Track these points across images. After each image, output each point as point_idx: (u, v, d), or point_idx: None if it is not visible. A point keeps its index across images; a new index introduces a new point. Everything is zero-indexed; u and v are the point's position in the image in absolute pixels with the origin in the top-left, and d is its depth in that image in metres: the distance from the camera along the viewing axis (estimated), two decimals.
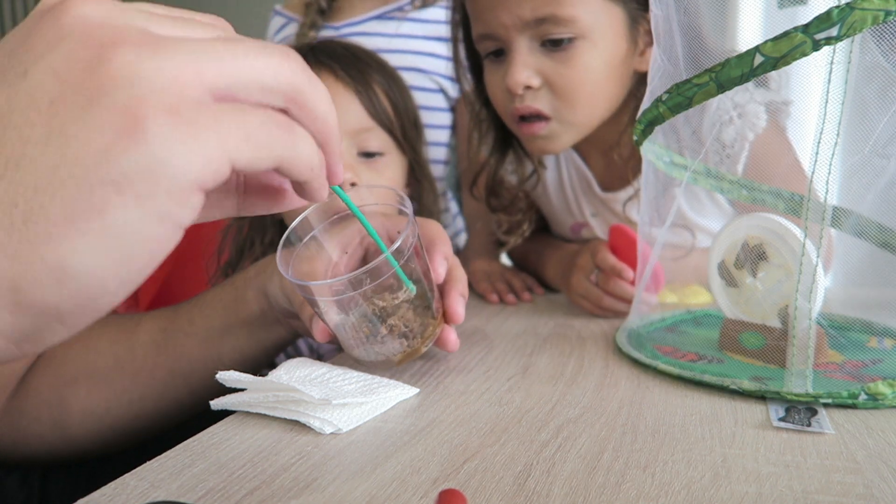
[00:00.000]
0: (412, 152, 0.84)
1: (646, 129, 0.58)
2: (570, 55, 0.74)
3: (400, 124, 0.82)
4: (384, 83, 0.82)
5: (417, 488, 0.35)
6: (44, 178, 0.22)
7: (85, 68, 0.23)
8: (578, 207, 0.96)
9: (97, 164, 0.22)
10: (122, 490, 0.35)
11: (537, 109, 0.77)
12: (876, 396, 0.45)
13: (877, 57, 0.45)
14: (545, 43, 0.75)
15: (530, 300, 0.86)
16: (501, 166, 0.91)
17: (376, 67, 0.83)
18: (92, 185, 0.22)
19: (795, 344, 0.48)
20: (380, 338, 0.49)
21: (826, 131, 0.45)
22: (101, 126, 0.22)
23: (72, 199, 0.22)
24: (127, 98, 0.22)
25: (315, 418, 0.43)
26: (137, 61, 0.23)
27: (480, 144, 0.90)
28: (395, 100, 0.82)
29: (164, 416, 0.59)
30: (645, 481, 0.35)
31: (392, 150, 0.81)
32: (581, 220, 0.97)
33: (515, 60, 0.75)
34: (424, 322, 0.50)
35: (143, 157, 0.22)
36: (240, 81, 0.25)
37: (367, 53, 0.85)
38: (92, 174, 0.22)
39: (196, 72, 0.24)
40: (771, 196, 0.64)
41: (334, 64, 0.80)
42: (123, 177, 0.22)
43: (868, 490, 0.34)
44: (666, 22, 0.56)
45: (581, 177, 0.93)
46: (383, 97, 0.81)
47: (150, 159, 0.22)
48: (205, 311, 0.59)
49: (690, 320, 0.69)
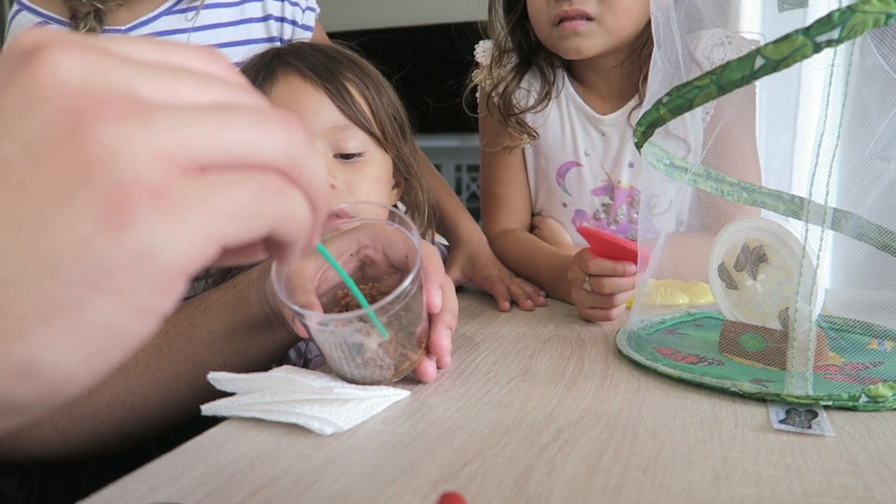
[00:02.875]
0: (395, 150, 0.82)
1: (646, 131, 0.58)
2: None
3: (378, 122, 0.79)
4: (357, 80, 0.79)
5: (417, 491, 0.35)
6: (13, 272, 0.20)
7: (62, 145, 0.20)
8: (573, 142, 1.04)
9: (75, 258, 0.20)
10: (121, 493, 0.35)
11: (585, 11, 0.90)
12: (876, 399, 0.45)
13: (877, 60, 0.45)
14: None
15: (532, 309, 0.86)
16: (517, 84, 1.03)
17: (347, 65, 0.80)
18: (68, 282, 0.20)
19: (796, 346, 0.48)
20: (353, 364, 0.50)
21: (826, 134, 0.45)
22: (81, 216, 0.20)
23: (45, 296, 0.20)
24: (109, 184, 0.20)
25: (314, 419, 0.43)
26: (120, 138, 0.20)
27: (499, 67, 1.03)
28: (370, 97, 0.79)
29: (169, 419, 0.59)
30: (645, 484, 0.35)
31: (372, 149, 0.78)
32: (572, 158, 1.04)
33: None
34: (403, 354, 0.51)
35: (126, 249, 0.20)
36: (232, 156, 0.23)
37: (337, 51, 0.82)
38: (68, 270, 0.20)
39: (184, 146, 0.21)
40: (771, 198, 0.64)
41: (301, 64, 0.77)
42: (103, 272, 0.20)
43: (868, 493, 0.34)
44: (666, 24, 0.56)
45: (577, 108, 1.04)
46: (357, 95, 0.78)
47: (133, 251, 0.20)
48: (207, 314, 0.59)
49: (691, 322, 0.69)
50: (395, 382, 0.52)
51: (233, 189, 0.22)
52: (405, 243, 0.54)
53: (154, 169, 0.21)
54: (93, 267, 0.20)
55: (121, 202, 0.20)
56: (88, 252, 0.20)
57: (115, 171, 0.20)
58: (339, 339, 0.48)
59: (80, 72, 0.21)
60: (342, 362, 0.50)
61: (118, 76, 0.22)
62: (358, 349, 0.49)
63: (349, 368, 0.50)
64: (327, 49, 0.82)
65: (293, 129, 0.24)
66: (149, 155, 0.20)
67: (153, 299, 0.21)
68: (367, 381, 0.51)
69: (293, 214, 0.24)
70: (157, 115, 0.21)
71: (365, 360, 0.49)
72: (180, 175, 0.21)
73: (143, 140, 0.21)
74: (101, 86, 0.21)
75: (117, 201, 0.20)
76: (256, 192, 0.23)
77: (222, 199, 0.22)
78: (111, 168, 0.20)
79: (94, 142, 0.20)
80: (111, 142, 0.20)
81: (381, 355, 0.49)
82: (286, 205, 0.24)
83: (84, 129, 0.20)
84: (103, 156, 0.20)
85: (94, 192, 0.20)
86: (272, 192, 0.23)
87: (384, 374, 0.50)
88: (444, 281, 0.55)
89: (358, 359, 0.49)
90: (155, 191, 0.20)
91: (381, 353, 0.49)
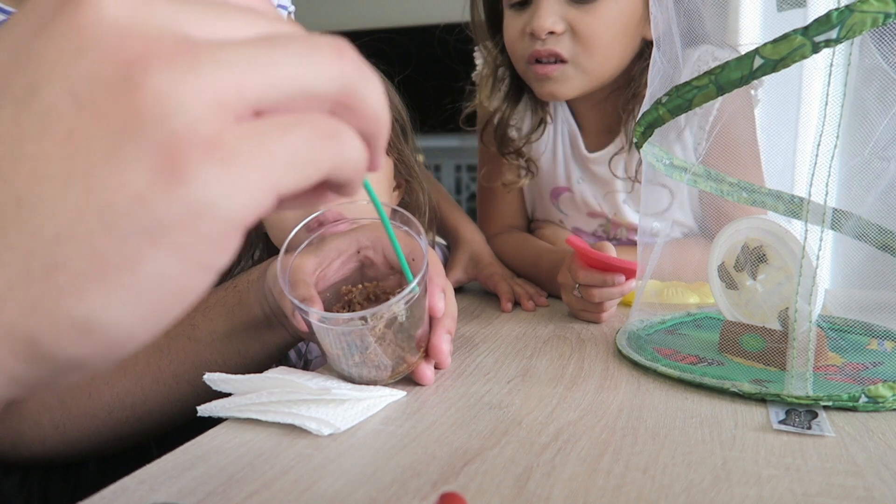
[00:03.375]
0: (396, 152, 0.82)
1: (645, 131, 0.58)
2: (595, 7, 0.82)
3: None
4: None
5: (417, 491, 0.35)
6: (66, 227, 0.19)
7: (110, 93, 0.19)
8: (566, 169, 1.00)
9: (130, 213, 0.19)
10: (121, 493, 0.35)
11: (557, 52, 0.83)
12: (876, 399, 0.45)
13: (876, 59, 0.45)
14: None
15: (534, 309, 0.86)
16: (511, 115, 0.97)
17: None
18: (124, 237, 0.19)
19: (795, 346, 0.48)
20: (351, 362, 0.50)
21: (826, 133, 0.45)
22: (134, 169, 0.19)
23: (101, 252, 0.19)
24: (162, 135, 0.19)
25: (311, 420, 0.43)
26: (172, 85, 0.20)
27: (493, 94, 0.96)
28: None
29: (169, 419, 0.59)
30: (645, 484, 0.35)
31: None
32: (564, 184, 1.00)
33: (543, 7, 0.82)
34: (401, 357, 0.51)
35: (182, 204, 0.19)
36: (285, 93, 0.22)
37: None
38: (123, 224, 0.19)
39: (237, 89, 0.21)
40: (771, 198, 0.64)
41: None
42: (159, 226, 0.19)
43: (868, 493, 0.34)
44: (666, 25, 0.56)
45: (571, 136, 0.99)
46: None
47: (190, 205, 0.20)
48: (207, 314, 0.59)
49: (690, 323, 0.69)
50: (393, 383, 0.52)
51: (287, 136, 0.22)
52: (407, 245, 0.54)
53: (208, 118, 0.20)
54: (149, 221, 0.19)
55: (175, 155, 0.19)
56: (143, 207, 0.19)
57: (168, 121, 0.19)
58: (339, 336, 0.48)
59: (125, 12, 0.20)
60: (340, 359, 0.50)
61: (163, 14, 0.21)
62: (356, 348, 0.49)
63: (346, 366, 0.50)
64: None
65: (344, 54, 0.23)
66: (202, 103, 0.20)
67: (211, 253, 0.21)
68: (364, 380, 0.51)
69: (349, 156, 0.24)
70: (206, 57, 0.20)
71: (362, 359, 0.49)
72: (234, 122, 0.21)
73: (194, 86, 0.20)
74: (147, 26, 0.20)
75: (171, 154, 0.19)
76: (311, 137, 0.22)
77: (277, 147, 0.21)
78: (163, 118, 0.19)
79: (144, 90, 0.19)
80: (162, 90, 0.19)
81: (379, 356, 0.49)
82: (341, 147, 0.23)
83: (133, 76, 0.19)
84: (154, 105, 0.19)
85: (146, 144, 0.19)
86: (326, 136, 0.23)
87: (381, 374, 0.50)
88: (445, 285, 0.55)
89: (356, 357, 0.49)
90: (210, 142, 0.20)
91: (380, 353, 0.49)
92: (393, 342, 0.49)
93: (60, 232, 0.19)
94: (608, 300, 0.71)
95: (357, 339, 0.48)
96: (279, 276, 0.49)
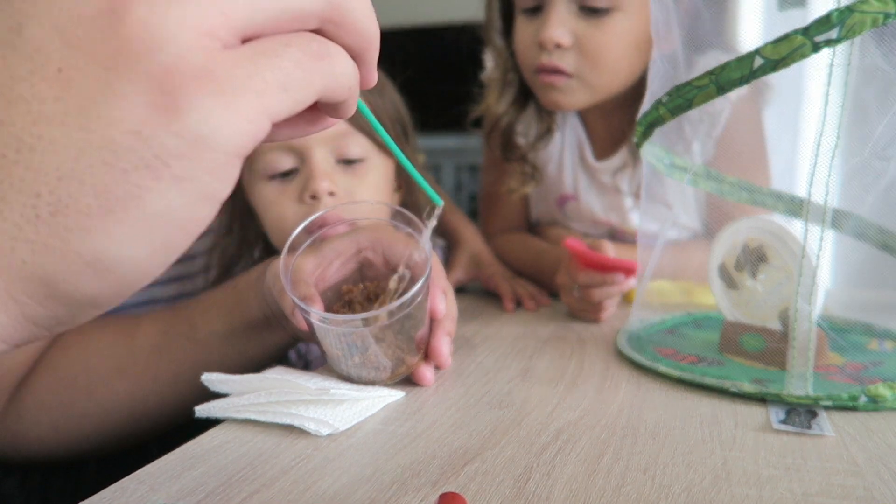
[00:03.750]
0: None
1: (646, 130, 0.58)
2: (605, 22, 0.80)
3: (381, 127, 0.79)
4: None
5: (417, 491, 0.35)
6: (67, 164, 0.19)
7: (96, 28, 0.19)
8: (573, 177, 0.99)
9: (129, 146, 0.19)
10: (121, 493, 0.35)
11: (562, 67, 0.82)
12: (876, 399, 0.45)
13: (877, 59, 0.45)
14: (584, 8, 0.80)
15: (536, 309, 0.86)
16: (518, 121, 0.96)
17: None
18: (125, 171, 0.20)
19: (796, 346, 0.48)
20: (351, 362, 0.50)
21: (826, 133, 0.45)
22: (129, 103, 0.19)
23: (104, 188, 0.20)
24: (153, 67, 0.19)
25: (310, 420, 0.43)
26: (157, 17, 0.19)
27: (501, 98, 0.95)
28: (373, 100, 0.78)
29: (168, 420, 0.59)
30: (645, 484, 0.35)
31: (374, 155, 0.77)
32: (571, 192, 0.99)
33: (552, 17, 0.81)
34: (400, 358, 0.51)
35: (180, 135, 0.20)
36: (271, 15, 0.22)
37: None
38: (124, 158, 0.19)
39: (224, 15, 0.20)
40: (771, 198, 0.64)
41: None
42: (159, 158, 0.20)
43: (868, 493, 0.34)
44: (666, 24, 0.56)
45: (578, 144, 0.97)
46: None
47: (188, 137, 0.20)
48: (206, 315, 0.59)
49: (691, 323, 0.69)
50: (392, 384, 0.52)
51: (278, 60, 0.22)
52: (406, 247, 0.54)
53: (196, 47, 0.20)
54: (148, 155, 0.20)
55: (167, 87, 0.19)
56: (142, 140, 0.20)
57: (157, 53, 0.19)
58: (339, 336, 0.48)
59: None
60: (340, 360, 0.50)
61: None
62: (356, 349, 0.49)
63: (346, 367, 0.50)
64: None
65: None
66: (189, 32, 0.20)
67: (212, 183, 0.21)
68: (363, 380, 0.51)
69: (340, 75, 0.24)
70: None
71: (362, 360, 0.49)
72: (223, 50, 0.21)
73: (180, 16, 0.20)
74: None
75: (164, 86, 0.19)
76: (301, 59, 0.22)
77: (269, 72, 0.21)
78: (152, 51, 0.19)
79: (130, 24, 0.19)
80: (148, 22, 0.19)
81: (379, 357, 0.49)
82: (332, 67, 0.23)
83: (116, 10, 0.19)
84: (142, 38, 0.19)
85: (138, 77, 0.19)
86: (316, 57, 0.23)
87: (380, 375, 0.50)
88: (446, 286, 0.55)
89: (355, 358, 0.49)
90: (201, 71, 0.20)
91: (380, 354, 0.49)
92: (393, 343, 0.49)
93: (62, 170, 0.19)
94: (608, 299, 0.71)
95: (357, 339, 0.48)
96: (281, 275, 0.49)
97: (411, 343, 0.51)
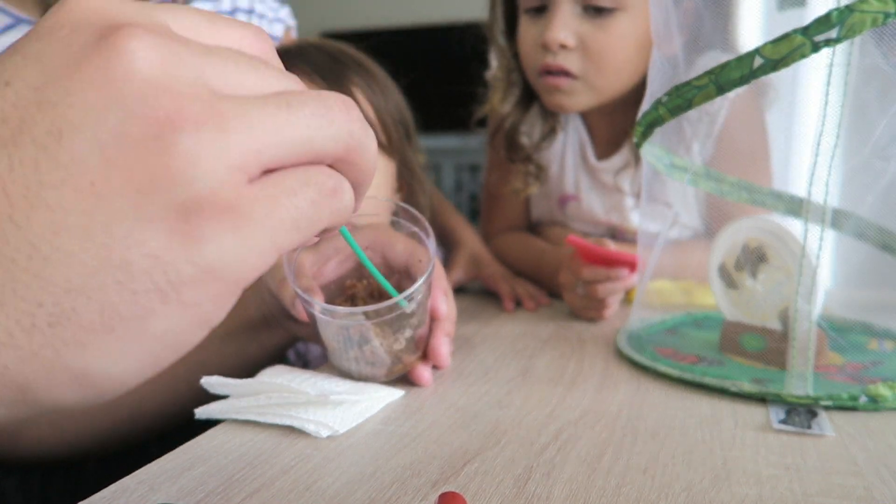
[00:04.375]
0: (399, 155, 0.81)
1: (645, 130, 0.58)
2: (609, 23, 0.80)
3: (384, 128, 0.78)
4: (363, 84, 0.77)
5: (417, 491, 0.35)
6: (79, 279, 0.19)
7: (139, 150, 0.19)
8: (574, 177, 0.98)
9: (145, 269, 0.19)
10: (121, 493, 0.35)
11: (566, 68, 0.82)
12: (876, 398, 0.45)
13: (877, 59, 0.45)
14: (588, 8, 0.80)
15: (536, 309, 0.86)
16: (522, 122, 0.95)
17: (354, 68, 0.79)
18: (135, 292, 0.20)
19: (796, 346, 0.48)
20: (348, 356, 0.50)
21: (826, 133, 0.45)
22: (155, 228, 0.19)
23: (111, 306, 0.19)
24: (186, 196, 0.20)
25: (309, 422, 0.43)
26: (201, 149, 0.20)
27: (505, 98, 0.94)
28: (376, 101, 0.78)
29: (167, 420, 0.59)
30: (645, 484, 0.35)
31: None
32: (572, 192, 0.99)
33: (556, 18, 0.80)
34: (398, 356, 0.51)
35: (195, 265, 0.20)
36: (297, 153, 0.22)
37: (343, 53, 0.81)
38: (137, 280, 0.19)
39: (256, 151, 0.21)
40: (771, 198, 0.64)
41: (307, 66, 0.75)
42: (171, 284, 0.20)
43: (868, 492, 0.34)
44: (665, 24, 0.56)
45: (579, 144, 0.97)
46: (362, 99, 0.77)
47: (202, 266, 0.20)
48: None
49: (691, 322, 0.69)
50: (390, 382, 0.52)
51: (295, 199, 0.22)
52: (406, 247, 0.54)
53: (228, 182, 0.20)
54: (163, 279, 0.20)
55: (193, 216, 0.20)
56: (160, 265, 0.20)
57: (193, 184, 0.20)
58: (338, 329, 0.49)
59: (158, 65, 0.20)
60: (338, 353, 0.50)
61: (191, 68, 0.21)
62: (354, 343, 0.49)
63: (344, 361, 0.51)
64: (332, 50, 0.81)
65: (351, 112, 0.24)
66: (224, 167, 0.20)
67: (214, 310, 0.21)
68: (360, 376, 0.51)
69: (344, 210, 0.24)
70: (231, 118, 0.21)
71: (360, 354, 0.49)
72: (247, 184, 0.21)
73: (219, 149, 0.20)
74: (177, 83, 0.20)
75: (191, 216, 0.20)
76: (315, 199, 0.23)
77: (285, 210, 0.22)
78: (190, 181, 0.20)
79: (174, 153, 0.20)
80: (190, 153, 0.20)
81: (377, 352, 0.49)
82: (340, 203, 0.24)
83: (165, 137, 0.20)
84: (183, 168, 0.20)
85: (168, 204, 0.20)
86: (330, 195, 0.23)
87: (376, 372, 0.51)
88: (447, 287, 0.55)
89: (354, 352, 0.49)
90: (227, 206, 0.20)
91: (378, 349, 0.49)
92: (392, 340, 0.49)
93: (72, 284, 0.19)
94: (612, 295, 0.71)
95: (356, 333, 0.48)
96: (285, 266, 0.49)
97: (411, 341, 0.51)
